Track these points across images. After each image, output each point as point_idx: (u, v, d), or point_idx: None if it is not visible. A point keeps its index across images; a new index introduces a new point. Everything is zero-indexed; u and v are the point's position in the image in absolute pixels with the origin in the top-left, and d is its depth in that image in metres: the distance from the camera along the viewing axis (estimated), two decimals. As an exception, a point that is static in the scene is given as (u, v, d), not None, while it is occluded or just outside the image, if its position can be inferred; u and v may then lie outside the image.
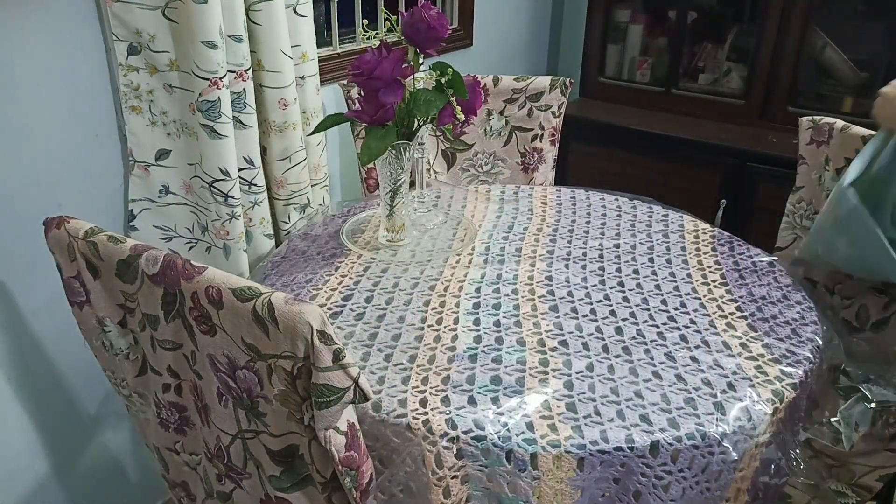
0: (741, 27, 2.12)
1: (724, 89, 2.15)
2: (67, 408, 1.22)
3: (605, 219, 1.34)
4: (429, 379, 0.86)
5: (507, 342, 0.94)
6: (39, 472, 1.19)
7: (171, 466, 0.95)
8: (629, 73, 2.34)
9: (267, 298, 0.66)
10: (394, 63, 1.01)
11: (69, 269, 0.84)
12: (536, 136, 1.66)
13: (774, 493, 0.86)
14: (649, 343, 0.94)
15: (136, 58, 1.13)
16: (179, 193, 1.24)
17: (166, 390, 0.85)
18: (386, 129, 1.06)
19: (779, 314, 1.01)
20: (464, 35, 2.09)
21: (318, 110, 1.43)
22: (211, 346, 0.74)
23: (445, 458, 0.77)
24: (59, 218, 0.84)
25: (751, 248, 1.21)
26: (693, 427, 0.78)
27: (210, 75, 1.12)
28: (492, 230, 1.29)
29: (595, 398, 0.83)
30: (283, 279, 1.12)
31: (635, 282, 1.10)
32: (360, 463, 0.73)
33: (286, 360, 0.68)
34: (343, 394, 0.67)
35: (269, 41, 1.24)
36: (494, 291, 1.07)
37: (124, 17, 1.09)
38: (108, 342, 0.88)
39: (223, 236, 1.25)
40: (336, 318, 0.99)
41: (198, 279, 0.71)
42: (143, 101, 1.16)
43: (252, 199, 1.30)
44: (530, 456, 0.76)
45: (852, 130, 1.23)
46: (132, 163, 1.18)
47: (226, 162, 1.19)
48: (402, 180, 1.15)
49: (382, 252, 1.19)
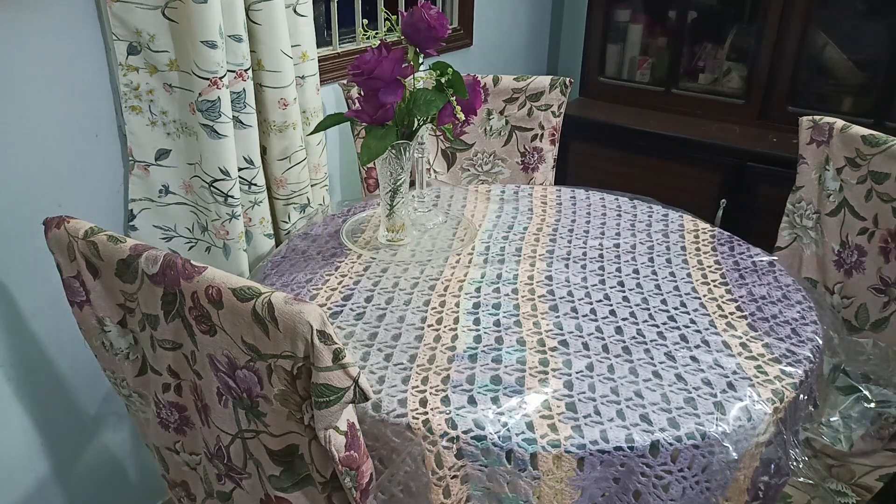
0: (741, 27, 2.11)
1: (724, 89, 2.15)
2: (68, 408, 1.22)
3: (605, 218, 1.34)
4: (429, 379, 0.86)
5: (507, 342, 0.94)
6: (40, 472, 1.19)
7: (171, 466, 0.95)
8: (629, 73, 2.34)
9: (267, 298, 0.66)
10: (394, 63, 1.01)
11: (69, 268, 0.84)
12: (536, 135, 1.66)
13: (774, 493, 0.86)
14: (649, 343, 0.94)
15: (136, 57, 1.13)
16: (179, 193, 1.24)
17: (166, 390, 0.85)
18: (386, 128, 1.06)
19: (779, 314, 1.01)
20: (464, 35, 2.09)
21: (318, 110, 1.43)
22: (211, 346, 0.74)
23: (445, 457, 0.77)
24: (58, 218, 0.84)
25: (751, 248, 1.21)
26: (693, 427, 0.78)
27: (210, 75, 1.12)
28: (492, 230, 1.29)
29: (595, 398, 0.83)
30: (283, 279, 1.12)
31: (635, 281, 1.10)
32: (360, 463, 0.73)
33: (286, 360, 0.68)
34: (343, 393, 0.67)
35: (269, 41, 1.24)
36: (494, 291, 1.07)
37: (124, 17, 1.09)
38: (107, 342, 0.88)
39: (223, 236, 1.25)
40: (336, 318, 0.99)
41: (198, 279, 0.71)
42: (143, 100, 1.16)
43: (252, 199, 1.30)
44: (530, 456, 0.76)
45: (852, 130, 1.23)
46: (132, 162, 1.18)
47: (226, 162, 1.19)
48: (402, 180, 1.15)
49: (382, 252, 1.19)
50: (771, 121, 2.02)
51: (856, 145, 1.22)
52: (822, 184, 1.29)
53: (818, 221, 1.30)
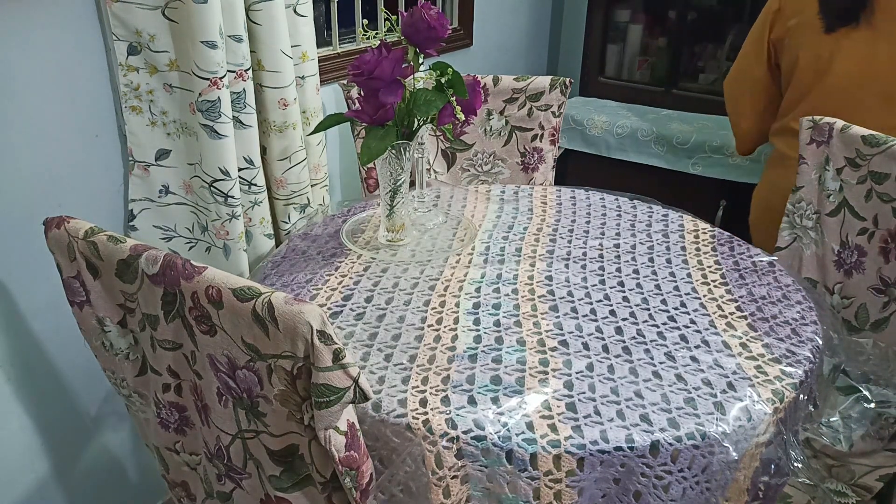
0: (741, 27, 2.11)
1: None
2: (68, 408, 1.22)
3: (605, 219, 1.34)
4: (429, 379, 0.86)
5: (507, 342, 0.94)
6: (40, 472, 1.19)
7: (171, 466, 0.95)
8: (629, 73, 2.34)
9: (267, 298, 0.66)
10: (393, 63, 1.01)
11: (69, 269, 0.85)
12: (536, 135, 1.66)
13: (774, 493, 0.86)
14: (649, 343, 0.94)
15: (136, 58, 1.13)
16: (179, 193, 1.24)
17: (166, 390, 0.85)
18: (386, 128, 1.06)
19: (779, 314, 1.01)
20: (464, 35, 2.09)
21: (318, 110, 1.43)
22: (211, 346, 0.74)
23: (445, 458, 0.77)
24: (59, 218, 0.84)
25: (751, 248, 1.21)
26: (693, 427, 0.78)
27: (210, 75, 1.12)
28: (492, 230, 1.29)
29: (595, 398, 0.83)
30: (283, 279, 1.12)
31: (635, 281, 1.10)
32: (360, 463, 0.73)
33: (286, 360, 0.68)
34: (343, 394, 0.67)
35: (269, 41, 1.24)
36: (494, 291, 1.07)
37: (124, 17, 1.09)
38: (107, 342, 0.88)
39: (223, 236, 1.25)
40: (336, 318, 0.99)
41: (198, 279, 0.71)
42: (143, 100, 1.16)
43: (252, 199, 1.30)
44: (530, 456, 0.76)
45: (852, 130, 1.23)
46: (132, 163, 1.18)
47: (226, 162, 1.19)
48: (403, 180, 1.15)
49: (382, 252, 1.19)
50: (771, 121, 2.02)
51: (856, 145, 1.22)
52: (822, 184, 1.29)
53: (818, 222, 1.30)
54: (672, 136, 1.99)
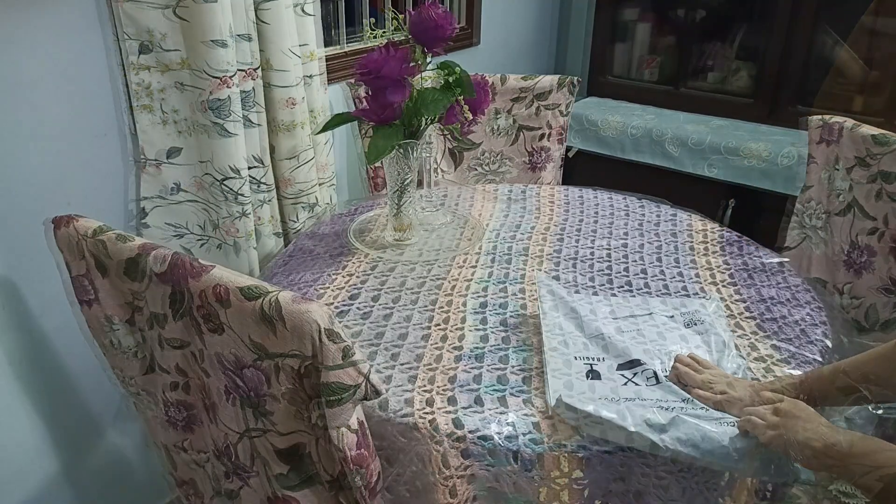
0: (750, 25, 2.10)
1: (733, 88, 2.14)
2: (76, 406, 1.22)
3: (613, 218, 1.34)
4: (435, 378, 0.86)
5: (514, 342, 0.94)
6: (49, 471, 1.20)
7: (179, 464, 0.95)
8: (637, 72, 2.34)
9: (274, 297, 0.67)
10: (400, 62, 1.01)
11: (77, 267, 0.85)
12: (543, 134, 1.66)
13: (775, 493, 0.85)
14: (656, 343, 0.93)
15: (147, 56, 1.13)
16: (190, 191, 1.24)
17: (174, 388, 0.86)
18: (392, 127, 1.06)
19: (787, 315, 1.01)
20: (470, 34, 2.09)
21: (324, 109, 1.43)
22: (218, 345, 0.74)
23: (451, 457, 0.77)
24: (67, 216, 0.85)
25: (760, 248, 1.21)
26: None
27: (220, 74, 1.12)
28: (499, 229, 1.29)
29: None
30: (290, 278, 1.12)
31: (643, 281, 1.10)
32: (370, 461, 0.73)
33: (293, 359, 0.68)
34: (354, 390, 0.67)
35: (276, 40, 1.24)
36: (501, 291, 1.07)
37: (135, 16, 1.09)
38: (115, 340, 0.89)
39: (233, 234, 1.25)
40: (343, 317, 1.00)
41: (205, 278, 0.71)
42: (153, 99, 1.16)
43: (261, 198, 1.30)
44: (536, 456, 0.75)
45: (862, 130, 1.22)
46: (143, 161, 1.19)
47: (235, 160, 1.19)
48: (409, 179, 1.15)
49: (389, 251, 1.19)
50: (780, 120, 2.01)
51: (865, 145, 1.21)
52: (831, 183, 1.28)
53: (827, 221, 1.30)
54: (687, 136, 1.98)
